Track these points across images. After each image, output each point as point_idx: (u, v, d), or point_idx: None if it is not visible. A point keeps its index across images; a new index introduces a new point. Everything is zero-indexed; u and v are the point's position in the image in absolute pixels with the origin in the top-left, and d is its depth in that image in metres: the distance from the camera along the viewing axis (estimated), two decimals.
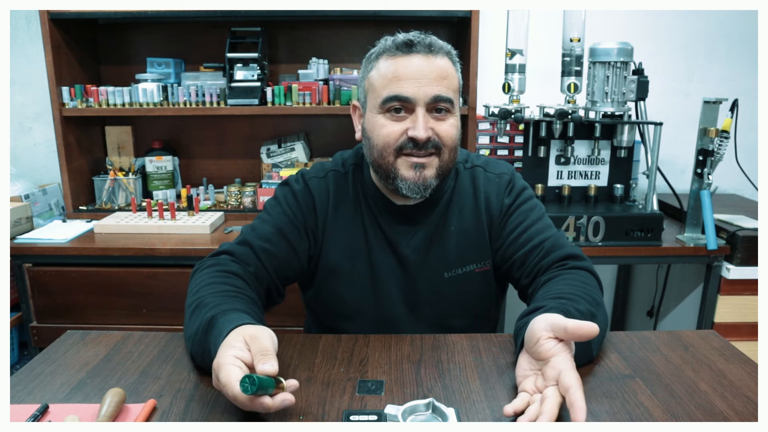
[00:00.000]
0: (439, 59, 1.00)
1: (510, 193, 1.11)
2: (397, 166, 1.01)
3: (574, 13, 1.71)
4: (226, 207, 2.12)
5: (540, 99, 1.86)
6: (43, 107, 2.24)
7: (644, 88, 1.72)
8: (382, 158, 1.01)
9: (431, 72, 0.98)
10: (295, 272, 1.10)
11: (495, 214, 1.10)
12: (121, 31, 2.20)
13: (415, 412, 0.74)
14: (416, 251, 1.10)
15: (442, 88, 0.98)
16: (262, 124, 2.25)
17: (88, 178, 2.15)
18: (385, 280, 1.10)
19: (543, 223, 1.10)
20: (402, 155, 1.00)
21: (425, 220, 1.10)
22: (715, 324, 1.77)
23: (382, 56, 1.01)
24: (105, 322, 1.76)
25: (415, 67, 0.98)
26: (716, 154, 1.68)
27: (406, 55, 0.99)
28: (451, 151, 1.02)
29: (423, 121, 0.98)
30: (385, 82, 0.99)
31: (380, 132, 1.01)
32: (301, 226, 1.09)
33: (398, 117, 1.00)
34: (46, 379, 0.87)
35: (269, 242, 1.06)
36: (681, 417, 0.76)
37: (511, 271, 1.10)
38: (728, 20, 2.23)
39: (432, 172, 1.01)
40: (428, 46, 0.99)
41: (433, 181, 1.02)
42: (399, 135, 0.99)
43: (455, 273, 1.10)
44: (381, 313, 1.11)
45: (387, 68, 1.00)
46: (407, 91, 0.98)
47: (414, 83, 0.97)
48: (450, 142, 1.01)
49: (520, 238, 1.08)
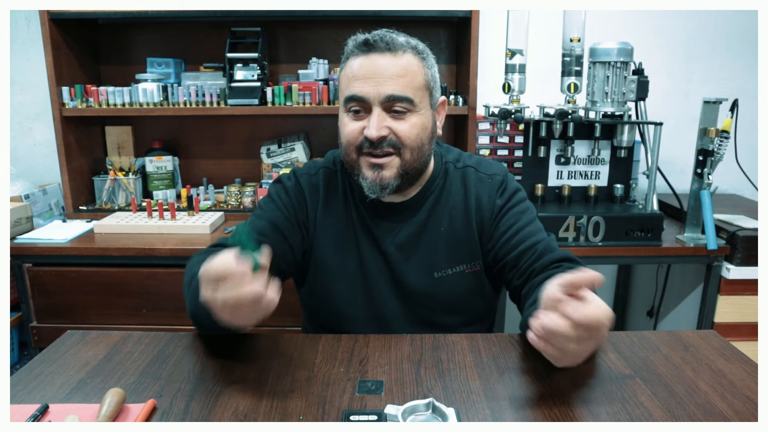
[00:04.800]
0: (399, 57, 1.00)
1: (502, 194, 1.11)
2: (360, 164, 1.03)
3: (574, 13, 1.71)
4: (226, 207, 2.12)
5: (540, 99, 1.86)
6: (43, 107, 2.24)
7: (644, 88, 1.72)
8: (348, 155, 1.04)
9: (387, 70, 0.98)
10: (289, 265, 1.10)
11: (486, 215, 1.10)
12: (121, 31, 2.20)
13: (415, 412, 0.74)
14: (400, 249, 1.10)
15: (398, 86, 0.98)
16: (262, 124, 2.25)
17: (88, 178, 2.15)
18: (374, 277, 1.10)
19: (535, 226, 1.09)
20: (363, 154, 1.02)
21: (411, 218, 1.10)
22: (715, 324, 1.77)
23: (350, 56, 1.03)
24: (105, 322, 1.76)
25: (370, 66, 0.99)
26: (716, 154, 1.68)
27: (365, 54, 1.00)
28: (413, 151, 1.02)
29: (377, 121, 0.98)
30: (346, 82, 1.01)
31: (344, 131, 1.03)
32: (294, 220, 1.10)
33: (358, 116, 1.01)
34: (46, 379, 0.87)
35: (263, 235, 1.07)
36: (681, 417, 0.76)
37: (503, 272, 1.09)
38: (728, 20, 2.23)
39: (391, 172, 1.01)
40: (387, 44, 0.99)
41: (392, 182, 1.02)
42: (358, 134, 1.01)
43: (445, 273, 1.10)
44: (372, 310, 1.11)
45: (350, 68, 1.01)
46: (362, 91, 0.99)
47: (369, 83, 0.98)
48: (410, 142, 1.01)
49: (512, 240, 1.07)
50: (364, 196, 1.10)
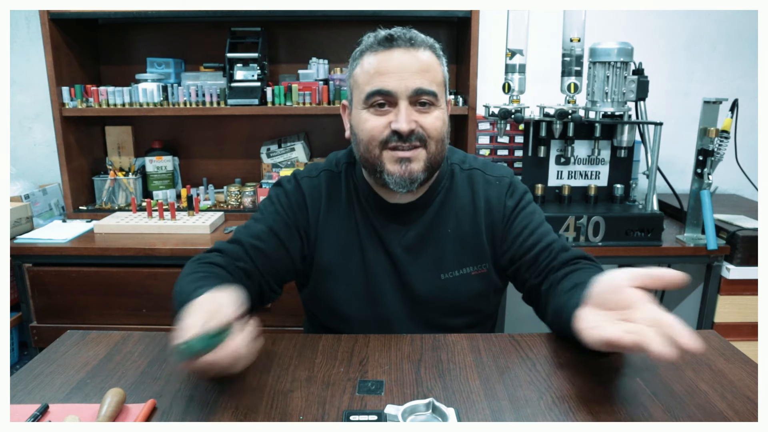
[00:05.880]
0: (421, 53, 1.00)
1: (512, 196, 1.12)
2: (383, 160, 1.01)
3: (574, 13, 1.71)
4: (226, 207, 2.12)
5: (540, 99, 1.86)
6: (43, 107, 2.24)
7: (644, 88, 1.72)
8: (368, 152, 1.02)
9: (412, 65, 0.99)
10: (288, 271, 1.11)
11: (497, 218, 1.10)
12: (121, 31, 2.20)
13: (415, 412, 0.74)
14: (408, 251, 1.09)
15: (425, 81, 0.99)
16: (262, 124, 2.25)
17: (88, 178, 2.15)
18: (379, 279, 1.10)
19: (546, 226, 1.11)
20: (387, 149, 1.01)
21: (417, 220, 1.10)
22: (715, 324, 1.77)
23: (365, 53, 1.02)
24: (105, 322, 1.76)
25: (397, 61, 0.99)
26: (716, 154, 1.68)
27: (387, 49, 1.00)
28: (437, 143, 1.02)
29: (406, 114, 0.98)
30: (367, 78, 1.00)
31: (365, 126, 1.01)
32: (293, 226, 1.10)
33: (382, 111, 1.00)
34: (46, 379, 0.87)
35: (260, 240, 1.07)
36: (681, 417, 0.76)
37: (519, 272, 1.10)
38: (728, 20, 2.23)
39: (419, 165, 1.01)
40: (409, 40, 1.00)
41: (420, 175, 1.02)
42: (383, 128, 1.00)
43: (452, 275, 1.10)
44: (376, 311, 1.11)
45: (369, 64, 1.01)
46: (389, 85, 0.98)
47: (395, 77, 0.98)
48: (435, 134, 1.01)
49: (528, 240, 1.08)
50: (370, 197, 1.10)
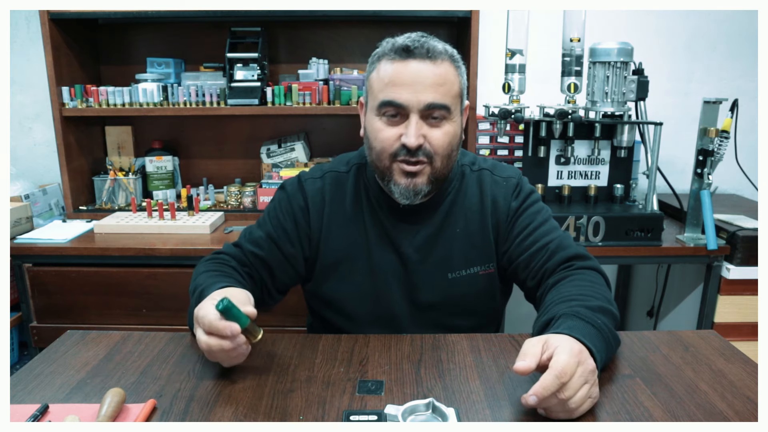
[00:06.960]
0: (438, 65, 1.00)
1: (518, 196, 1.12)
2: (392, 170, 1.03)
3: (574, 13, 1.71)
4: (226, 207, 2.11)
5: (540, 99, 1.86)
6: (43, 107, 2.24)
7: (644, 88, 1.72)
8: (380, 161, 1.03)
9: (427, 78, 0.98)
10: (290, 277, 1.13)
11: (502, 218, 1.11)
12: (121, 31, 2.20)
13: (415, 412, 0.74)
14: (418, 251, 1.10)
15: (438, 95, 0.99)
16: (262, 124, 2.25)
17: (88, 178, 2.15)
18: (386, 279, 1.10)
19: (549, 225, 1.11)
20: (397, 161, 1.02)
21: (428, 220, 1.10)
22: (715, 324, 1.77)
23: (383, 58, 1.02)
24: (105, 322, 1.76)
25: (411, 73, 0.98)
26: (716, 154, 1.68)
27: (403, 60, 0.99)
28: (443, 159, 1.02)
29: (415, 129, 0.98)
30: (381, 86, 1.00)
31: (377, 136, 1.02)
32: (293, 233, 1.11)
33: (394, 122, 1.01)
34: (46, 379, 0.87)
35: (259, 247, 1.10)
36: (681, 417, 0.76)
37: (516, 272, 1.11)
38: (728, 20, 2.23)
39: (423, 179, 1.02)
40: (427, 52, 0.99)
41: (424, 188, 1.03)
42: (393, 141, 1.00)
43: (459, 274, 1.10)
44: (382, 311, 1.11)
45: (385, 71, 1.00)
46: (401, 98, 0.98)
47: (409, 89, 0.98)
48: (441, 150, 1.01)
49: (525, 241, 1.08)
50: (380, 199, 1.10)
